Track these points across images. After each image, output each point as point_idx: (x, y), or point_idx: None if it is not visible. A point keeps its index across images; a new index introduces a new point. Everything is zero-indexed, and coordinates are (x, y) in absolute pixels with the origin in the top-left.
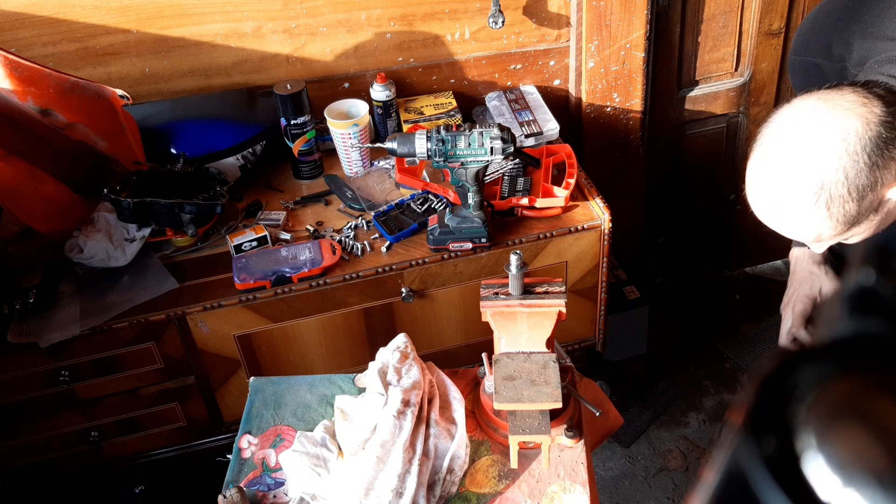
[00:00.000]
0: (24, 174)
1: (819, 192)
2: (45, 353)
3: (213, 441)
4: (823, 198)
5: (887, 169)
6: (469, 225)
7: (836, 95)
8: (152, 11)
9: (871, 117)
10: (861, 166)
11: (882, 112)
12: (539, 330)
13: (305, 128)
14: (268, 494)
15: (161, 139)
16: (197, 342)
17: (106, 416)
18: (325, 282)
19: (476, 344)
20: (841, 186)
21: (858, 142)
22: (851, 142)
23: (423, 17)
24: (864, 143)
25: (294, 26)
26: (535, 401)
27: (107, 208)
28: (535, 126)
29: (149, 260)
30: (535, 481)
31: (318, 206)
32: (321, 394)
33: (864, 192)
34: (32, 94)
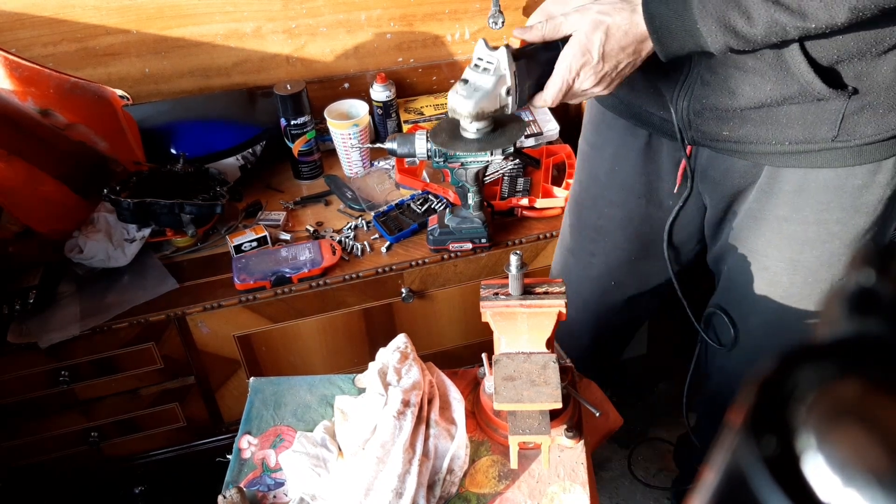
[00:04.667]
0: (24, 174)
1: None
2: (45, 354)
3: (213, 441)
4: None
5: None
6: (469, 225)
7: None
8: (152, 12)
9: None
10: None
11: None
12: (539, 330)
13: (305, 128)
14: (268, 495)
15: (161, 139)
16: (197, 342)
17: (106, 416)
18: (324, 282)
19: (476, 344)
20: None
21: None
22: None
23: (423, 18)
24: None
25: (294, 26)
26: (535, 401)
27: (107, 208)
28: (535, 126)
29: (149, 260)
30: (534, 481)
31: (318, 207)
32: (321, 394)
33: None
34: (32, 95)
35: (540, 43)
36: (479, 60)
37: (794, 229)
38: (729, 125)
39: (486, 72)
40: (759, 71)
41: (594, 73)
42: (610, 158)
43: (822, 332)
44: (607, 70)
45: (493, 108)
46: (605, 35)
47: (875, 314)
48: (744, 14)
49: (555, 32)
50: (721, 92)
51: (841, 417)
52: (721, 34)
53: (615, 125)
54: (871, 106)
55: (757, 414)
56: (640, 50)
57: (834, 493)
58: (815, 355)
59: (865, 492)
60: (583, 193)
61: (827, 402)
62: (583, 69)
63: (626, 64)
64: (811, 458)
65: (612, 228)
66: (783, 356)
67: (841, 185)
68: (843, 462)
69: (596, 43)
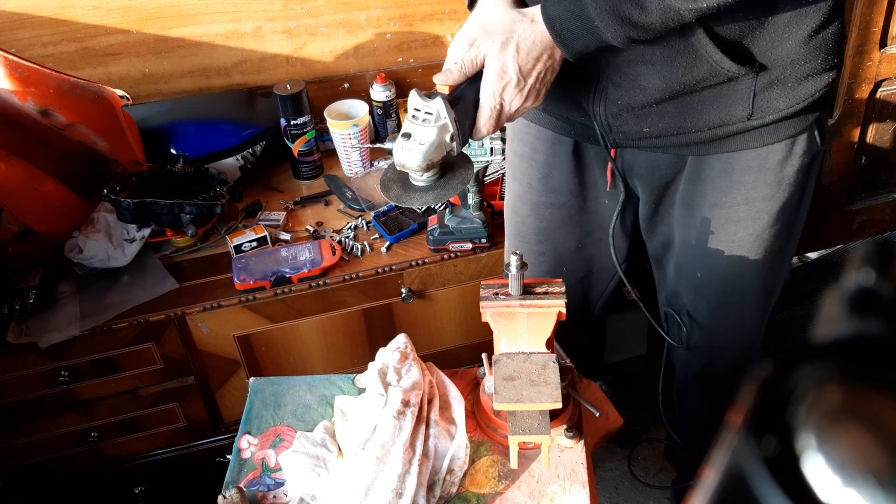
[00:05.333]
0: (23, 174)
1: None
2: (45, 354)
3: (213, 441)
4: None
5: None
6: (469, 225)
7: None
8: (152, 12)
9: None
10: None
11: None
12: (539, 330)
13: (305, 128)
14: (268, 495)
15: (161, 139)
16: (197, 342)
17: (106, 416)
18: (324, 282)
19: (476, 344)
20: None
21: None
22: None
23: (423, 18)
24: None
25: (294, 26)
26: (534, 401)
27: (107, 208)
28: None
29: (149, 260)
30: (534, 482)
31: (318, 207)
32: (321, 394)
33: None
34: (32, 95)
35: (464, 81)
36: (417, 112)
37: (725, 212)
38: (647, 122)
39: (427, 123)
40: (668, 61)
41: (518, 91)
42: (541, 167)
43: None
44: (531, 83)
45: (440, 157)
46: (517, 51)
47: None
48: (636, 5)
49: (473, 66)
50: (633, 90)
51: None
52: (619, 27)
53: (542, 135)
54: (780, 80)
55: (757, 414)
56: (553, 55)
57: (834, 493)
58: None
59: (865, 492)
60: (518, 202)
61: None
62: (505, 91)
63: (546, 70)
64: (811, 458)
65: (555, 227)
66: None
67: (763, 164)
68: (843, 462)
69: (510, 62)
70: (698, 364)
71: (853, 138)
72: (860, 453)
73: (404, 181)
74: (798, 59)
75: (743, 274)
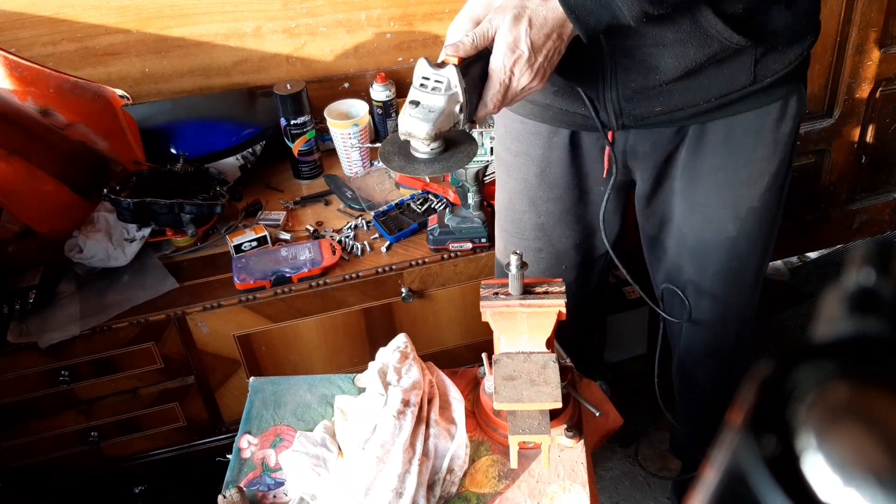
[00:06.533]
0: (24, 174)
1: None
2: (45, 353)
3: (213, 441)
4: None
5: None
6: (469, 225)
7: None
8: (152, 11)
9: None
10: None
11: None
12: (539, 330)
13: (305, 128)
14: (268, 494)
15: (161, 139)
16: (197, 342)
17: (106, 416)
18: (324, 282)
19: (476, 344)
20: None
21: None
22: None
23: (423, 17)
24: None
25: (294, 26)
26: (534, 401)
27: (107, 208)
28: None
29: (149, 260)
30: (534, 481)
31: (318, 206)
32: (321, 394)
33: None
34: (32, 94)
35: (475, 54)
36: (426, 80)
37: (728, 176)
38: (659, 101)
39: (437, 91)
40: (680, 41)
41: (529, 66)
42: (538, 162)
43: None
44: (540, 61)
45: (448, 127)
46: (529, 26)
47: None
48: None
49: (485, 39)
50: (646, 72)
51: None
52: (635, 3)
53: (537, 130)
54: (774, 46)
55: (757, 414)
56: (562, 34)
57: (834, 493)
58: (814, 355)
59: (865, 491)
60: (515, 200)
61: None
62: (516, 65)
63: (553, 50)
64: (811, 457)
65: (553, 222)
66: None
67: (761, 125)
68: (843, 462)
69: (523, 36)
70: (707, 337)
71: (853, 138)
72: (860, 453)
73: (406, 152)
74: (790, 25)
75: (747, 237)
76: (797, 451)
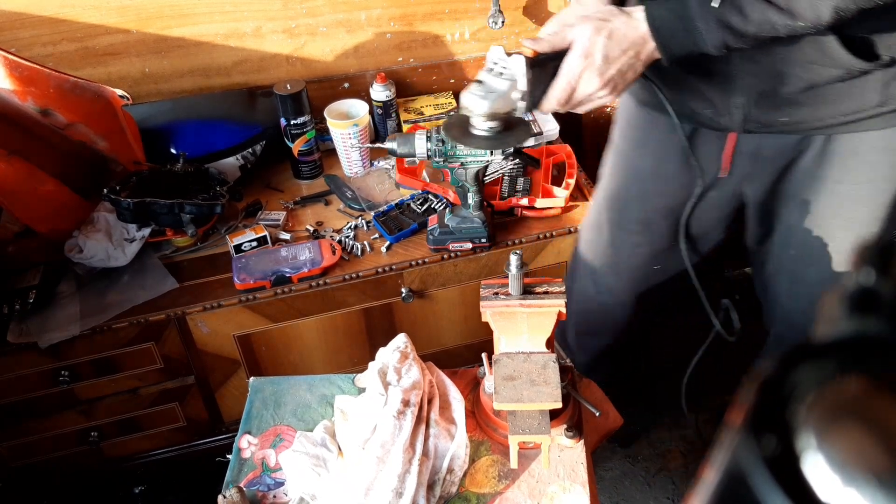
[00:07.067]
0: (24, 174)
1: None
2: (45, 353)
3: (213, 441)
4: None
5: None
6: (469, 225)
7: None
8: (152, 11)
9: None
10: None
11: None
12: (539, 330)
13: (305, 128)
14: (268, 494)
15: (161, 139)
16: (197, 342)
17: (106, 416)
18: (324, 282)
19: (476, 344)
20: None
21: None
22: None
23: (423, 17)
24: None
25: (294, 26)
26: (534, 401)
27: (107, 208)
28: (535, 126)
29: (149, 260)
30: (534, 481)
31: (318, 206)
32: (321, 394)
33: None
34: (32, 94)
35: (550, 52)
36: (495, 65)
37: (847, 189)
38: (786, 111)
39: (502, 76)
40: (806, 61)
41: (598, 75)
42: (654, 153)
43: (822, 331)
44: (611, 73)
45: (504, 110)
46: (608, 38)
47: (875, 314)
48: (738, 11)
49: (562, 42)
50: (774, 81)
51: (841, 417)
52: (718, 30)
53: (658, 122)
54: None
55: (757, 414)
56: (640, 52)
57: (834, 493)
58: (814, 355)
59: (865, 491)
60: (623, 190)
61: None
62: (585, 71)
63: (629, 67)
64: (811, 457)
65: (658, 219)
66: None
67: (887, 146)
68: (843, 462)
69: (598, 45)
70: (799, 320)
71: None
72: (860, 453)
73: (465, 127)
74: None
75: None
76: (797, 451)
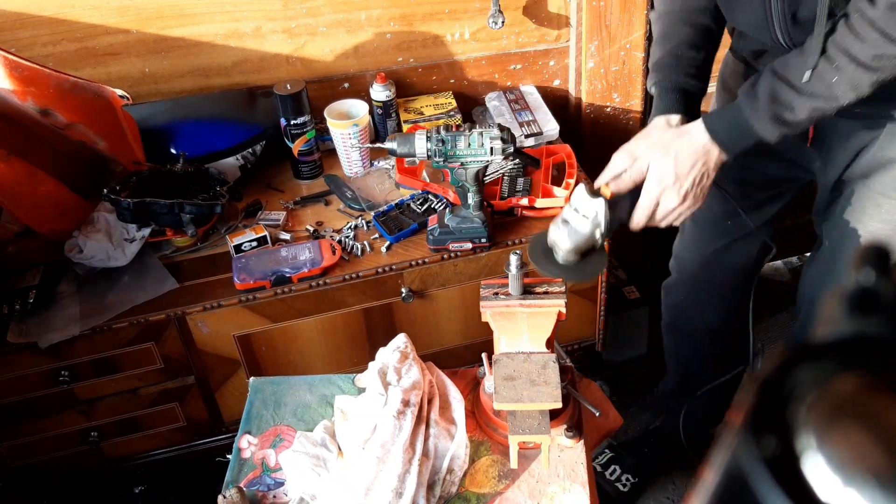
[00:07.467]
0: (24, 174)
1: None
2: (45, 353)
3: (213, 441)
4: None
5: None
6: (469, 225)
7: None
8: (152, 11)
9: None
10: None
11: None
12: (539, 330)
13: (305, 128)
14: (268, 494)
15: (161, 139)
16: (197, 342)
17: (106, 416)
18: (324, 282)
19: (476, 344)
20: None
21: None
22: None
23: (423, 17)
24: None
25: (294, 26)
26: (534, 401)
27: (107, 208)
28: (535, 126)
29: (149, 260)
30: (534, 481)
31: (318, 206)
32: (321, 394)
33: None
34: (32, 94)
35: (632, 187)
36: (579, 206)
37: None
38: (858, 104)
39: (585, 218)
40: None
41: (675, 192)
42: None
43: (822, 331)
44: (687, 187)
45: (586, 247)
46: (675, 159)
47: (875, 314)
48: (788, 108)
49: (640, 175)
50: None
51: (841, 417)
52: (775, 128)
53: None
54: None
55: (757, 414)
56: (708, 161)
57: (834, 493)
58: (815, 355)
59: (865, 492)
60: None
61: (827, 401)
62: (663, 193)
63: (701, 176)
64: (811, 458)
65: (753, 190)
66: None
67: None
68: (843, 462)
69: (669, 168)
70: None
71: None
72: (860, 453)
73: (547, 252)
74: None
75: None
76: (797, 452)
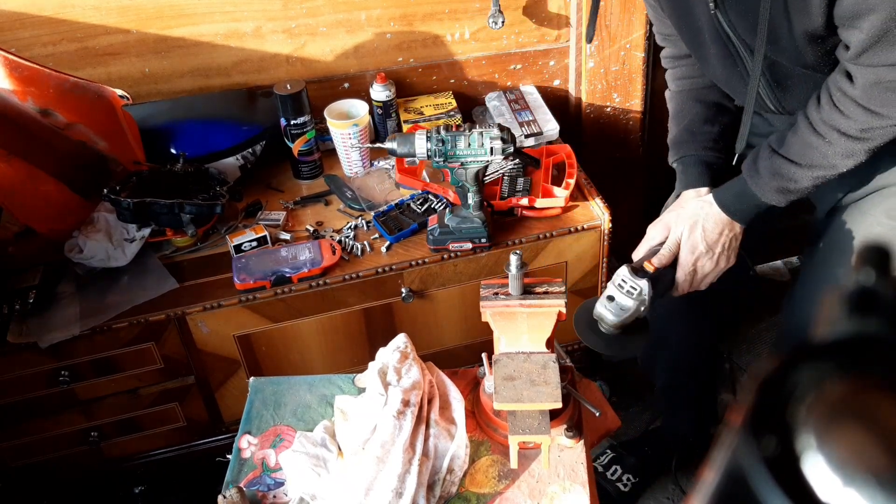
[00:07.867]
0: (24, 174)
1: None
2: (45, 354)
3: (213, 441)
4: None
5: None
6: (469, 225)
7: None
8: (152, 11)
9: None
10: None
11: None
12: (539, 330)
13: (305, 128)
14: (268, 494)
15: (161, 139)
16: (197, 342)
17: (106, 416)
18: (324, 282)
19: (476, 344)
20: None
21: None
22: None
23: (423, 17)
24: None
25: (294, 26)
26: (534, 401)
27: (107, 208)
28: (535, 126)
29: (149, 260)
30: (534, 481)
31: (318, 206)
32: (321, 394)
33: None
34: (32, 94)
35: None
36: (623, 283)
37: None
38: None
39: (630, 295)
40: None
41: (709, 259)
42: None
43: (821, 331)
44: (718, 251)
45: (631, 321)
46: (703, 230)
47: (875, 314)
48: (791, 180)
49: (676, 246)
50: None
51: (841, 417)
52: (780, 197)
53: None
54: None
55: (757, 414)
56: (732, 228)
57: (834, 493)
58: (814, 355)
59: (865, 492)
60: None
61: (827, 401)
62: (698, 262)
63: (730, 240)
64: (811, 458)
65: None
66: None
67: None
68: (843, 462)
69: (699, 239)
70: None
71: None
72: (860, 453)
73: (592, 323)
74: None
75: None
76: (797, 452)
